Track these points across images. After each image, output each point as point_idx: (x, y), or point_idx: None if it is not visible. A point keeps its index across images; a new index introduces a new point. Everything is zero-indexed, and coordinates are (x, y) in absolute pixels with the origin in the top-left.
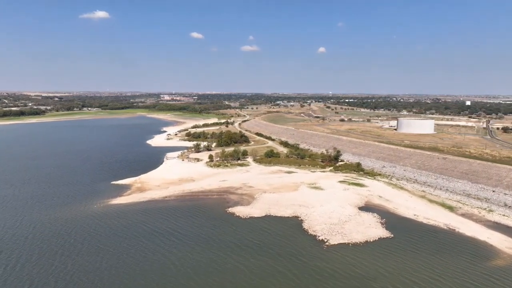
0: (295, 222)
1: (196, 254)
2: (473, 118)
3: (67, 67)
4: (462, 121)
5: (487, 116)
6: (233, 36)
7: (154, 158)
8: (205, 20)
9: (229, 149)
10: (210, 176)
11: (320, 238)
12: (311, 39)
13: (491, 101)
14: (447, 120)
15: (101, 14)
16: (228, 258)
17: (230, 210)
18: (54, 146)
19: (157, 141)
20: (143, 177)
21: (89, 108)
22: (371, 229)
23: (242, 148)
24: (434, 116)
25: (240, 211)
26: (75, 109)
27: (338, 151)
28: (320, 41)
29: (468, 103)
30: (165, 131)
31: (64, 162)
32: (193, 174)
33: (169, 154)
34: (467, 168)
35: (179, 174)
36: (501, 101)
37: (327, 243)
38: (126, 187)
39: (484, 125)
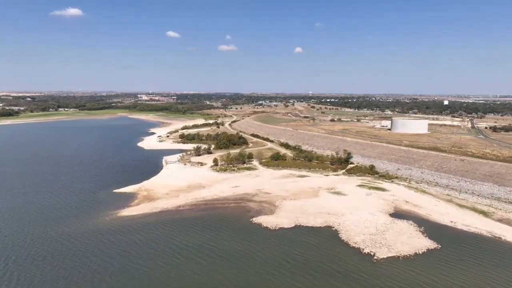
0: (330, 233)
1: (244, 273)
2: (457, 117)
3: (36, 66)
4: (447, 120)
5: (468, 115)
6: (210, 35)
7: (151, 163)
8: (182, 19)
9: (234, 152)
10: (220, 181)
11: (366, 251)
12: (288, 39)
13: (465, 101)
14: (433, 119)
15: (73, 11)
16: (281, 276)
17: (255, 220)
18: (41, 150)
19: (148, 143)
20: (146, 184)
21: (66, 109)
22: (415, 239)
23: (247, 150)
24: (419, 115)
25: (266, 221)
26: (50, 109)
27: (349, 154)
28: (297, 41)
29: (446, 102)
30: (153, 133)
31: (57, 167)
32: (201, 180)
33: (167, 158)
34: (489, 170)
35: (186, 180)
36: (474, 101)
37: (375, 257)
38: (131, 196)
39: (470, 125)
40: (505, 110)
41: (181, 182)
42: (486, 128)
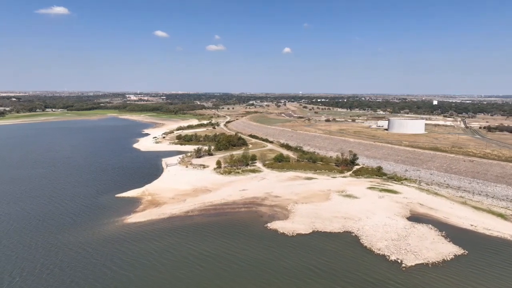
0: (350, 239)
1: (273, 284)
2: (449, 117)
3: (20, 65)
4: (440, 120)
5: (459, 115)
6: (198, 35)
7: (150, 165)
8: (170, 18)
9: (236, 154)
10: (226, 185)
11: (392, 258)
12: (277, 39)
13: (453, 101)
14: (426, 119)
15: (59, 9)
16: (310, 287)
17: (270, 226)
18: (33, 152)
19: (144, 145)
20: (149, 188)
21: (53, 109)
22: (439, 245)
23: (251, 152)
24: (412, 115)
25: (282, 227)
26: (37, 110)
27: (355, 155)
28: (285, 42)
29: (435, 102)
30: (148, 134)
31: (54, 171)
32: (205, 183)
33: (167, 160)
34: (500, 171)
35: (190, 183)
36: (461, 101)
37: (403, 265)
38: (135, 201)
39: (462, 125)
40: (494, 110)
41: (186, 185)
42: (480, 128)
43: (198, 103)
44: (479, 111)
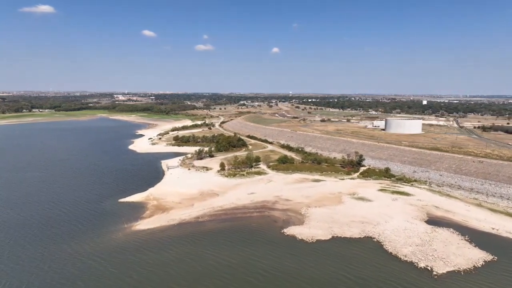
0: (373, 245)
1: None
2: (441, 117)
3: (4, 65)
4: (433, 120)
5: (450, 115)
6: (187, 34)
7: (150, 167)
8: (158, 18)
9: (238, 155)
10: (232, 188)
11: (421, 265)
12: (266, 39)
13: (441, 101)
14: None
15: (44, 8)
16: None
17: (287, 231)
18: (27, 155)
19: (141, 146)
20: (153, 192)
21: (40, 110)
22: (465, 250)
23: (255, 154)
24: (405, 115)
25: (300, 233)
26: (24, 110)
27: (361, 156)
28: (274, 42)
29: (425, 102)
30: (142, 135)
31: (51, 174)
32: (211, 186)
33: (167, 162)
34: None
35: (195, 186)
36: (449, 101)
37: (434, 273)
38: (140, 206)
39: (455, 124)
40: (483, 110)
41: (191, 189)
42: (474, 127)
43: (189, 103)
44: (469, 111)
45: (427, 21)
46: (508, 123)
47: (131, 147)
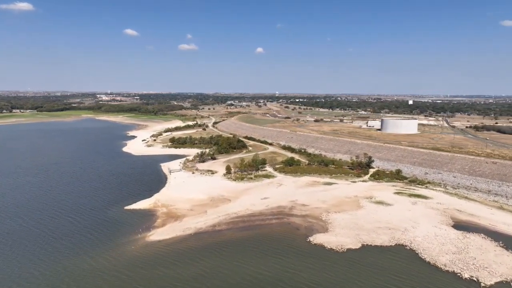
0: (407, 253)
1: None
2: (430, 117)
3: None
4: (423, 120)
5: (438, 115)
6: (170, 34)
7: (150, 171)
8: (140, 16)
9: (245, 157)
10: (243, 192)
11: (465, 276)
12: (250, 39)
13: (425, 100)
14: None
15: (23, 5)
16: None
17: (313, 240)
18: (17, 159)
19: (135, 148)
20: (160, 197)
21: (21, 110)
22: (505, 258)
23: (260, 155)
24: (396, 115)
25: (327, 241)
26: (4, 111)
27: (370, 157)
28: (258, 42)
29: (410, 102)
30: (134, 136)
31: (47, 179)
32: (221, 191)
33: (168, 166)
34: None
35: (204, 191)
36: (433, 100)
37: (482, 284)
38: (149, 214)
39: (446, 124)
40: (468, 109)
41: (199, 194)
42: (466, 127)
43: (175, 103)
44: (455, 110)
45: (410, 22)
46: (496, 123)
47: (125, 149)
